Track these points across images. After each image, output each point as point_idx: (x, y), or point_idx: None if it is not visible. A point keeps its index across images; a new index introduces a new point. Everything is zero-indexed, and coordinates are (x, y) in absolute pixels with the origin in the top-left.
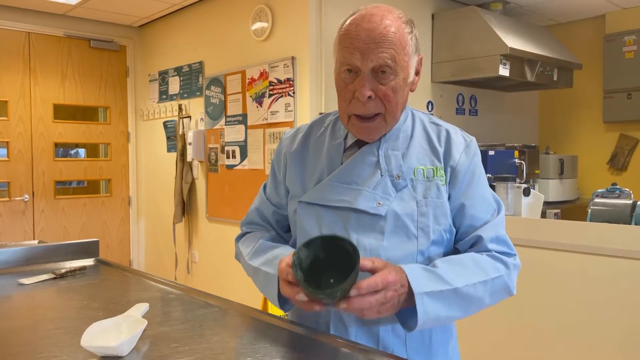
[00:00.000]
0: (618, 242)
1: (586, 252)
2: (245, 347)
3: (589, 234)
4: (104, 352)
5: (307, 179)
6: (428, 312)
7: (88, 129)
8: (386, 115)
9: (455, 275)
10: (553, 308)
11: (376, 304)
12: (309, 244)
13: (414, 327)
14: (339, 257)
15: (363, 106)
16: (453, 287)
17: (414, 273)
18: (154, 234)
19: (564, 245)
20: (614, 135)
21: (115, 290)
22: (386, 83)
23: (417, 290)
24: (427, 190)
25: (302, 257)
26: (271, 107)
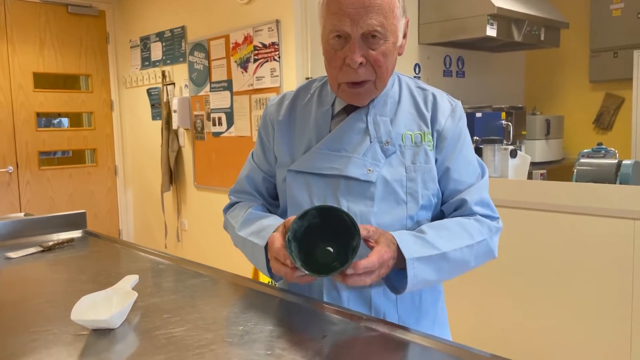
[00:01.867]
0: (603, 201)
1: (572, 212)
2: (237, 316)
3: (575, 194)
4: (95, 325)
5: (296, 147)
6: (417, 276)
7: (70, 98)
8: (376, 81)
9: (442, 240)
10: (539, 268)
11: (370, 281)
12: (303, 215)
13: (402, 290)
14: (334, 226)
15: (354, 73)
16: (441, 252)
17: (404, 240)
18: (142, 203)
19: (550, 206)
20: (600, 95)
21: (104, 262)
22: (376, 48)
23: (408, 256)
24: (415, 155)
25: (296, 227)
26: (256, 73)
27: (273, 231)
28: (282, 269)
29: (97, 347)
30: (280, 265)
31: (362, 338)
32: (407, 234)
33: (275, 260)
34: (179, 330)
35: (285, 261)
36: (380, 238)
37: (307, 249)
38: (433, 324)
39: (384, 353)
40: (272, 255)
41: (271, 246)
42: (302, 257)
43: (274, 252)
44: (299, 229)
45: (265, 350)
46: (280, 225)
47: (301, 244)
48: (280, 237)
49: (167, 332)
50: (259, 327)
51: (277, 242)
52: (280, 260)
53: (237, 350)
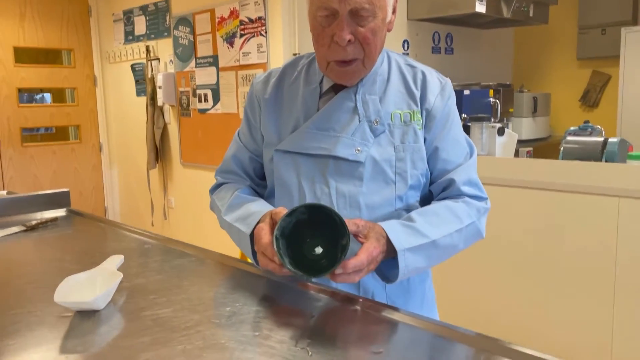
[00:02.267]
0: (589, 179)
1: (558, 190)
2: (224, 297)
3: (561, 172)
4: (79, 307)
5: (283, 126)
6: (408, 266)
7: (52, 73)
8: (365, 60)
9: (432, 227)
10: (525, 245)
11: (358, 279)
12: (291, 213)
13: (394, 279)
14: (323, 221)
15: (343, 50)
16: (431, 240)
17: (394, 231)
18: (128, 181)
19: (537, 184)
20: (587, 72)
21: (89, 241)
22: (365, 25)
23: (399, 247)
24: (404, 135)
25: (284, 225)
26: (243, 48)
27: (259, 219)
28: (270, 265)
29: (82, 329)
30: (268, 261)
31: (351, 318)
32: (397, 224)
33: (262, 255)
34: (165, 312)
35: (272, 258)
36: (369, 233)
37: (295, 245)
38: (421, 304)
39: (373, 333)
40: (259, 249)
41: (258, 240)
42: (290, 253)
43: (261, 247)
44: (287, 225)
45: (252, 331)
46: (267, 216)
47: (289, 241)
48: (269, 230)
49: (153, 314)
50: (246, 308)
51: (264, 237)
52: (268, 256)
53: (224, 332)
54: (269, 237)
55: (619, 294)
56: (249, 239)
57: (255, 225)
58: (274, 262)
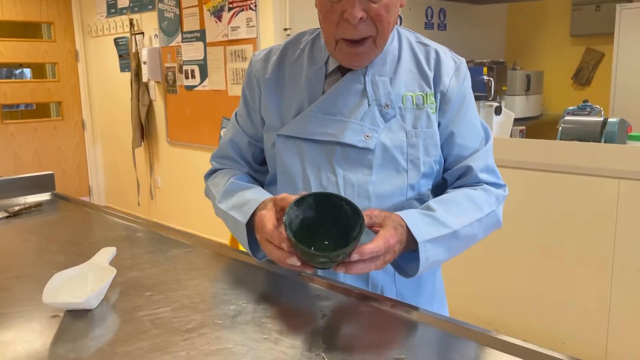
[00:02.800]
0: (588, 160)
1: (556, 171)
2: (226, 293)
3: (560, 153)
4: (70, 307)
5: (285, 109)
6: (429, 258)
7: (32, 48)
8: (377, 38)
9: (452, 216)
10: (523, 226)
11: (375, 268)
12: (300, 202)
13: (413, 273)
14: (332, 215)
15: (354, 29)
16: (453, 230)
17: (413, 221)
18: (112, 160)
19: (535, 164)
20: (580, 50)
21: (76, 229)
22: (378, 1)
23: (419, 238)
24: (416, 119)
25: (292, 216)
26: (231, 22)
27: (256, 207)
28: (276, 253)
29: (73, 332)
30: (274, 248)
31: (364, 317)
32: (416, 213)
33: (267, 242)
34: (164, 311)
35: (280, 244)
36: (385, 221)
37: (303, 237)
38: (432, 298)
39: (390, 336)
40: (264, 237)
41: (261, 227)
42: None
43: (266, 235)
44: (294, 218)
45: (261, 334)
46: (269, 202)
47: (297, 236)
48: (272, 217)
49: (151, 313)
50: (251, 306)
51: (268, 224)
52: (274, 243)
53: (230, 334)
54: (274, 222)
55: (617, 277)
56: (244, 229)
57: (252, 214)
58: (281, 249)
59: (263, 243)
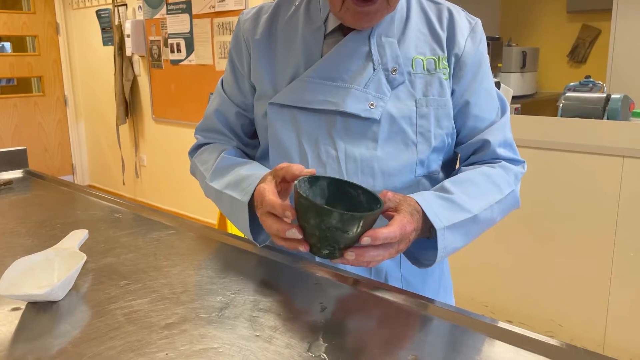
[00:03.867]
0: (590, 138)
1: (558, 149)
2: (213, 282)
3: (561, 130)
4: (32, 299)
5: (279, 74)
6: (447, 247)
7: (10, 19)
8: None
9: (471, 199)
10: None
11: (388, 256)
12: (313, 181)
13: (429, 262)
14: (343, 206)
15: None
16: (472, 215)
17: (430, 206)
18: (96, 137)
19: (536, 142)
20: (577, 26)
21: (48, 209)
22: None
23: (438, 225)
24: (427, 86)
25: (302, 192)
26: None
27: (257, 182)
28: (275, 225)
29: (35, 328)
30: (274, 220)
31: (369, 311)
32: (432, 196)
33: (267, 215)
34: (140, 303)
35: (283, 213)
36: (401, 205)
37: None
38: (439, 286)
39: (399, 332)
40: (265, 210)
41: (262, 199)
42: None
43: (267, 207)
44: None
45: (252, 331)
46: (269, 175)
47: None
48: (273, 189)
49: (126, 306)
50: (241, 297)
51: (269, 194)
52: (276, 213)
53: (216, 331)
54: (275, 192)
55: (618, 256)
56: (245, 208)
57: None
58: (281, 220)
59: (262, 217)
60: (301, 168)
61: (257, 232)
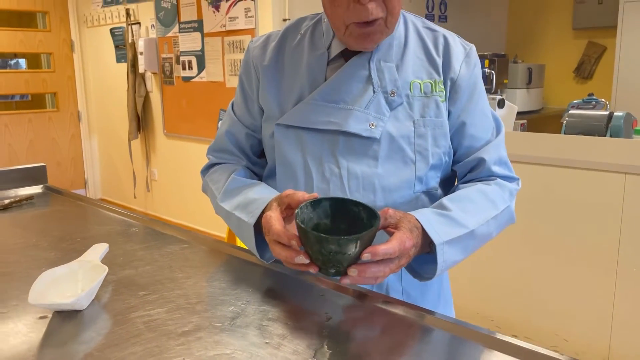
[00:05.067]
0: (593, 154)
1: (561, 166)
2: (225, 293)
3: (565, 147)
4: (58, 308)
5: (285, 97)
6: (446, 261)
7: (26, 37)
8: (388, 18)
9: (468, 215)
10: (529, 221)
11: (389, 272)
12: (316, 204)
13: (429, 276)
14: (347, 225)
15: (364, 10)
16: (470, 230)
17: (429, 222)
18: (108, 152)
19: (539, 159)
20: (582, 43)
21: (68, 224)
22: None
23: (437, 240)
24: (424, 107)
25: (305, 216)
26: (229, 13)
27: (264, 207)
28: (284, 252)
29: (62, 335)
30: (282, 248)
31: (372, 321)
32: (430, 213)
33: (275, 243)
34: (158, 312)
35: (289, 242)
36: (401, 222)
37: None
38: (438, 297)
39: (401, 341)
40: (272, 239)
41: (269, 228)
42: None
43: (273, 235)
44: (308, 221)
45: (262, 338)
46: (274, 202)
47: None
48: (279, 217)
49: (145, 315)
50: (251, 307)
51: (275, 224)
52: (283, 242)
53: (229, 338)
54: (282, 222)
55: (621, 272)
56: (251, 230)
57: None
58: (289, 247)
59: (271, 245)
60: (304, 195)
61: (263, 250)
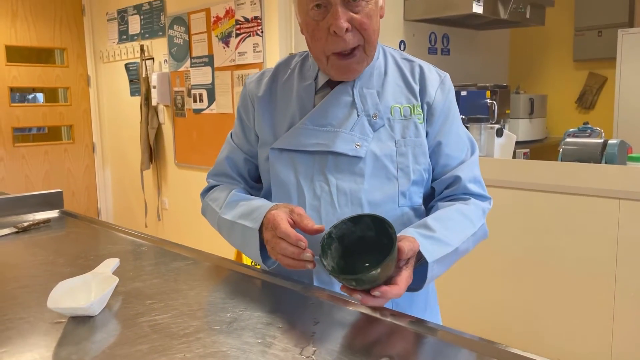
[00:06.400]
0: (589, 181)
1: (557, 192)
2: (224, 302)
3: (560, 174)
4: (73, 313)
5: (278, 124)
6: (433, 276)
7: (44, 73)
8: (366, 47)
9: (451, 234)
10: (525, 247)
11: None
12: (356, 220)
13: (417, 288)
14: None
15: (342, 40)
16: (454, 248)
17: (422, 244)
18: (121, 181)
19: (536, 185)
20: (583, 74)
21: (83, 244)
22: (360, 11)
23: (430, 259)
24: (405, 129)
25: (346, 232)
26: (239, 48)
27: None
28: (290, 248)
29: (76, 336)
30: (288, 244)
31: (356, 324)
32: (420, 238)
33: (280, 240)
34: (163, 317)
35: (297, 243)
36: (411, 261)
37: (348, 257)
38: (425, 306)
39: (380, 341)
40: (277, 235)
41: (276, 226)
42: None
43: (280, 233)
44: (350, 234)
45: (255, 339)
46: (282, 205)
47: (345, 250)
48: (285, 217)
49: (151, 319)
50: (247, 314)
51: (285, 223)
52: (291, 242)
53: (225, 339)
54: (288, 221)
55: (619, 297)
56: (256, 235)
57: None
58: (296, 246)
59: (274, 240)
60: (312, 224)
61: (266, 256)
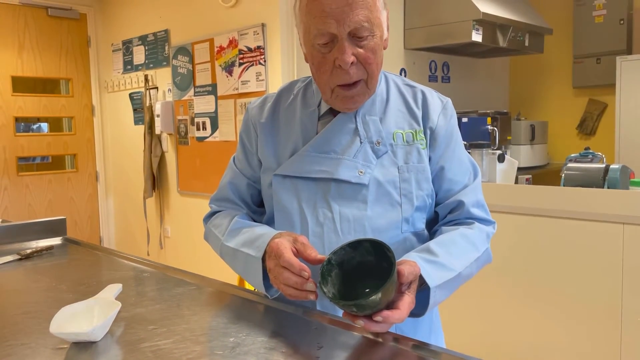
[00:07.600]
0: (591, 206)
1: (560, 217)
2: (227, 327)
3: (563, 199)
4: (75, 338)
5: (281, 150)
6: (436, 301)
7: (50, 103)
8: (368, 80)
9: (454, 259)
10: (529, 273)
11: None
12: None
13: (420, 314)
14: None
15: (346, 74)
16: (457, 273)
17: (424, 269)
18: (124, 210)
19: (539, 211)
20: (583, 100)
21: (85, 270)
22: (365, 45)
23: (432, 284)
24: (407, 155)
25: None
26: (242, 77)
27: (269, 239)
28: (293, 278)
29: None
30: (292, 273)
31: (359, 349)
32: (423, 262)
33: (283, 269)
34: (165, 343)
35: (300, 272)
36: (412, 285)
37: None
38: (429, 331)
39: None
40: (280, 264)
41: (279, 255)
42: (342, 290)
43: (284, 262)
44: (350, 260)
45: None
46: (285, 233)
47: (344, 276)
48: (289, 246)
49: (153, 345)
50: (250, 338)
51: (288, 252)
52: (293, 271)
53: None
54: (292, 250)
55: (626, 321)
56: (259, 264)
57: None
58: (299, 276)
59: (277, 269)
60: (315, 254)
61: (269, 285)
